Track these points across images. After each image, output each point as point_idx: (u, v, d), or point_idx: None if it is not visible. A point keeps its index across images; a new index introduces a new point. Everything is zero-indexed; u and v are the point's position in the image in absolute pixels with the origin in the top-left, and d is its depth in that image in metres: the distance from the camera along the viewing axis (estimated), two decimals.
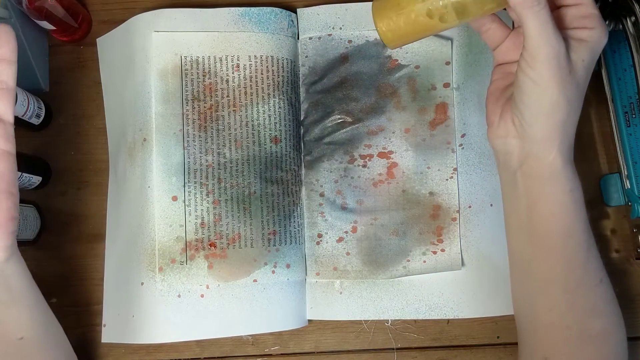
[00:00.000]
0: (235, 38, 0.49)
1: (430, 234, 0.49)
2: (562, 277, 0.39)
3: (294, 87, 0.51)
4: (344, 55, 0.51)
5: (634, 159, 0.49)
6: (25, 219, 0.49)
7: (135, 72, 0.50)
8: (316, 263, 0.49)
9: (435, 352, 0.50)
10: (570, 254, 0.38)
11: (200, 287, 0.47)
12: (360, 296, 0.49)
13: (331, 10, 0.52)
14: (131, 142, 0.49)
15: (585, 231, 0.39)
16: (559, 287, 0.39)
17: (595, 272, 0.39)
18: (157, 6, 0.50)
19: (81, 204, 0.52)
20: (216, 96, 0.49)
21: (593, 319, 0.39)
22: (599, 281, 0.39)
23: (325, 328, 0.51)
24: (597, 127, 0.53)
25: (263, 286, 0.47)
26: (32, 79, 0.52)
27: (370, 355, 0.50)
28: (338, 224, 0.49)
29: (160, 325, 0.47)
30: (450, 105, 0.50)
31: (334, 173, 0.50)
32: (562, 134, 0.37)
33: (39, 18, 0.48)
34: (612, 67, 0.51)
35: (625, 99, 0.50)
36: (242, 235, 0.47)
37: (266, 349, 0.50)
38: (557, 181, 0.38)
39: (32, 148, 0.53)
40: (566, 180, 0.38)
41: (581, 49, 0.35)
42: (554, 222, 0.38)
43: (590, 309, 0.39)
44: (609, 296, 0.40)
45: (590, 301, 0.39)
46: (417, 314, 0.49)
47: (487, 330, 0.50)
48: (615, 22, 0.51)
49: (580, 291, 0.39)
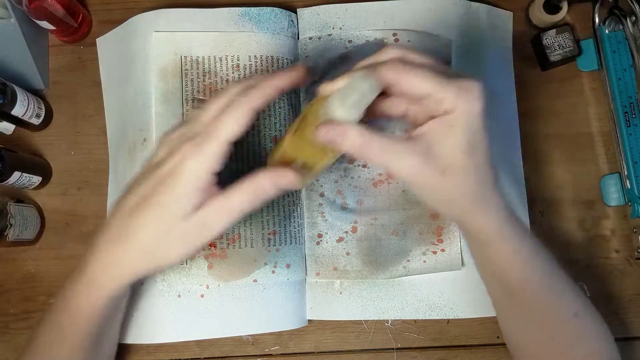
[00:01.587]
0: (235, 38, 0.49)
1: (430, 234, 0.49)
2: (532, 317, 0.39)
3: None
4: (344, 55, 0.51)
5: (634, 159, 0.49)
6: (25, 219, 0.49)
7: (135, 72, 0.50)
8: (316, 263, 0.49)
9: (435, 352, 0.50)
10: (532, 298, 0.38)
11: (200, 287, 0.47)
12: (360, 296, 0.49)
13: (331, 10, 0.52)
14: (131, 142, 0.49)
15: (546, 275, 0.39)
16: (532, 325, 0.39)
17: (567, 308, 0.39)
18: (157, 6, 0.50)
19: (81, 204, 0.52)
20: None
21: (576, 348, 0.39)
22: (573, 315, 0.39)
23: (325, 328, 0.51)
24: (597, 127, 0.53)
25: (263, 286, 0.47)
26: (32, 79, 0.52)
27: (370, 355, 0.50)
28: (338, 224, 0.49)
29: (160, 325, 0.47)
30: None
31: (333, 173, 0.50)
32: (478, 206, 0.36)
33: (39, 18, 0.48)
34: (612, 67, 0.51)
35: (625, 99, 0.50)
36: (242, 235, 0.47)
37: (266, 349, 0.50)
38: (495, 244, 0.37)
39: (32, 148, 0.53)
40: (506, 241, 0.37)
41: (452, 133, 0.34)
42: (505, 277, 0.39)
43: (571, 340, 0.39)
44: (589, 324, 0.40)
45: (568, 333, 0.39)
46: (417, 314, 0.49)
47: (487, 330, 0.50)
48: (615, 22, 0.51)
49: (556, 326, 0.39)
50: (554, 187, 0.52)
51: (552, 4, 0.52)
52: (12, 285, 0.51)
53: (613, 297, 0.50)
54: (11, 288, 0.51)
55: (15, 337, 0.50)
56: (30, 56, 0.50)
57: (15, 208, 0.48)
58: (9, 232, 0.46)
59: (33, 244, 0.51)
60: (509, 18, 0.54)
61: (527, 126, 0.52)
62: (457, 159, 0.34)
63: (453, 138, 0.34)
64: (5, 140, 0.52)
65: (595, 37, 0.52)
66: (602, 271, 0.51)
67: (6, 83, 0.46)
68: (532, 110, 0.53)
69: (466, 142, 0.34)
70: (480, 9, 0.52)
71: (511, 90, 0.53)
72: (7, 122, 0.50)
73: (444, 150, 0.34)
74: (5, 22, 0.48)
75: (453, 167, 0.34)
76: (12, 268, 0.51)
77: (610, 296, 0.50)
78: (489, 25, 0.52)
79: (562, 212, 0.52)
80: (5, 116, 0.47)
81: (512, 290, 0.38)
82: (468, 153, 0.34)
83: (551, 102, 0.53)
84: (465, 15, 0.51)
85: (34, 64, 0.51)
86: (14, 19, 0.48)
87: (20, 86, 0.48)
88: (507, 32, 0.54)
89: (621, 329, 0.50)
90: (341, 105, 0.34)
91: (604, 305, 0.48)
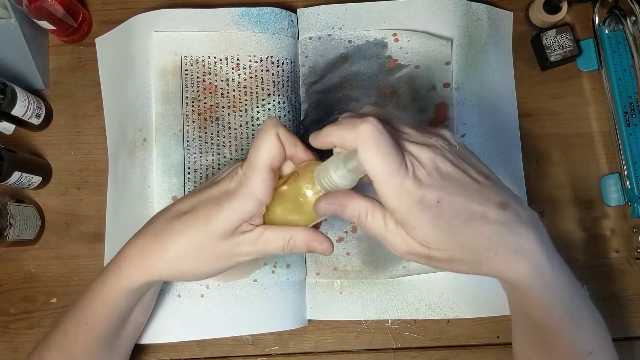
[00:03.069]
0: (235, 38, 0.49)
1: None
2: (544, 348, 0.37)
3: (294, 87, 0.51)
4: (344, 55, 0.51)
5: (634, 159, 0.49)
6: (25, 219, 0.49)
7: (135, 72, 0.50)
8: (316, 263, 0.49)
9: (435, 352, 0.50)
10: (550, 333, 0.36)
11: (200, 287, 0.47)
12: (360, 296, 0.49)
13: (331, 10, 0.52)
14: (131, 142, 0.49)
15: (568, 313, 0.36)
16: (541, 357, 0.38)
17: (584, 345, 0.37)
18: (157, 6, 0.50)
19: (81, 204, 0.52)
20: (216, 96, 0.49)
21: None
22: (588, 353, 0.37)
23: (325, 328, 0.51)
24: (597, 127, 0.53)
25: (263, 286, 0.47)
26: (32, 79, 0.52)
27: (370, 355, 0.50)
28: (338, 223, 0.49)
29: (160, 325, 0.47)
30: (450, 105, 0.50)
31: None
32: (488, 264, 0.33)
33: (39, 18, 0.48)
34: (612, 67, 0.51)
35: (625, 99, 0.50)
36: None
37: (266, 349, 0.50)
38: (521, 291, 0.34)
39: (32, 148, 0.53)
40: (532, 289, 0.34)
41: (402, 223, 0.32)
42: (528, 313, 0.36)
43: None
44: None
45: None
46: (417, 314, 0.49)
47: (487, 330, 0.50)
48: (615, 22, 0.51)
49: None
50: (554, 187, 0.52)
51: (552, 4, 0.52)
52: (12, 285, 0.51)
53: (613, 297, 0.50)
54: (11, 288, 0.51)
55: (15, 337, 0.50)
56: (30, 56, 0.50)
57: (15, 208, 0.48)
58: (9, 232, 0.46)
59: (33, 244, 0.51)
60: (509, 18, 0.54)
61: (527, 126, 0.52)
62: (427, 238, 0.32)
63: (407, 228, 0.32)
64: (5, 140, 0.52)
65: (595, 37, 0.52)
66: (602, 271, 0.51)
67: (6, 83, 0.46)
68: (532, 110, 0.53)
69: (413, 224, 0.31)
70: (480, 9, 0.52)
71: (511, 90, 0.53)
72: (7, 122, 0.50)
73: (416, 237, 0.32)
74: (5, 22, 0.48)
75: (430, 245, 0.32)
76: (12, 268, 0.51)
77: (610, 296, 0.50)
78: (489, 25, 0.52)
79: (562, 212, 0.52)
80: (5, 116, 0.47)
81: (532, 323, 0.37)
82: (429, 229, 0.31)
83: (551, 102, 0.53)
84: (465, 15, 0.51)
85: (34, 64, 0.51)
86: (14, 19, 0.48)
87: (20, 86, 0.48)
88: (507, 32, 0.54)
89: (621, 329, 0.50)
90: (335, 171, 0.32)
91: (604, 305, 0.48)
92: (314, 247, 0.36)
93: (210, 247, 0.36)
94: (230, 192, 0.35)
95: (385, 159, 0.29)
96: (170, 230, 0.37)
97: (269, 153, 0.34)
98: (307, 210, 0.34)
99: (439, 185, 0.31)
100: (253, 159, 0.34)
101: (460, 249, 0.32)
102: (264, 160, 0.34)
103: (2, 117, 0.48)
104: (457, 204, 0.31)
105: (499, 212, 0.32)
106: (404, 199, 0.30)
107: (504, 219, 0.32)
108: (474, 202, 0.31)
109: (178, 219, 0.37)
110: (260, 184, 0.34)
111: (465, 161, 0.33)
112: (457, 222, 0.31)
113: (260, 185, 0.34)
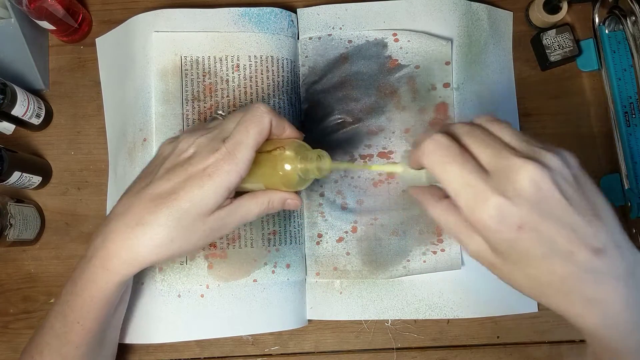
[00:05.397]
0: (235, 38, 0.49)
1: (430, 234, 0.49)
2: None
3: (294, 87, 0.51)
4: (344, 55, 0.51)
5: (634, 159, 0.49)
6: (25, 219, 0.49)
7: (135, 72, 0.50)
8: (316, 263, 0.49)
9: (435, 352, 0.50)
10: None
11: (200, 287, 0.47)
12: (360, 296, 0.49)
13: (331, 10, 0.52)
14: (131, 142, 0.49)
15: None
16: None
17: None
18: (157, 6, 0.50)
19: (81, 204, 0.52)
20: (216, 96, 0.49)
21: None
22: None
23: (325, 328, 0.51)
24: (597, 127, 0.53)
25: (263, 286, 0.47)
26: (32, 79, 0.52)
27: (370, 355, 0.50)
28: (338, 224, 0.49)
29: (160, 325, 0.47)
30: (450, 105, 0.50)
31: (333, 173, 0.50)
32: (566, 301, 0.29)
33: (39, 18, 0.48)
34: (612, 67, 0.51)
35: (625, 99, 0.50)
36: (242, 235, 0.47)
37: (266, 349, 0.50)
38: (594, 345, 0.31)
39: (32, 148, 0.53)
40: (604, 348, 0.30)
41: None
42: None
43: None
44: None
45: None
46: (417, 314, 0.49)
47: (487, 330, 0.50)
48: (615, 22, 0.51)
49: None
50: None
51: (552, 4, 0.52)
52: (12, 285, 0.51)
53: None
54: (11, 288, 0.51)
55: (15, 337, 0.50)
56: (30, 56, 0.50)
57: (15, 208, 0.48)
58: (9, 232, 0.46)
59: (33, 244, 0.51)
60: (509, 18, 0.54)
61: (527, 126, 0.52)
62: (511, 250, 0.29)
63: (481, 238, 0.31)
64: (5, 140, 0.52)
65: (595, 37, 0.52)
66: None
67: (6, 83, 0.46)
68: (532, 110, 0.53)
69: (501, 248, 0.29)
70: (480, 9, 0.52)
71: (511, 90, 0.53)
72: (7, 122, 0.50)
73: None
74: (5, 22, 0.48)
75: (497, 264, 0.31)
76: (12, 268, 0.51)
77: None
78: (489, 25, 0.52)
79: None
80: (5, 116, 0.47)
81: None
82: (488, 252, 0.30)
83: (551, 102, 0.53)
84: (465, 15, 0.51)
85: (34, 64, 0.51)
86: (14, 19, 0.48)
87: (20, 86, 0.48)
88: (507, 32, 0.54)
89: None
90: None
91: None
92: (287, 204, 0.41)
93: (198, 227, 0.37)
94: (210, 170, 0.36)
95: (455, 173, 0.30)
96: (155, 219, 0.36)
97: (259, 137, 0.37)
98: (285, 182, 0.39)
99: (526, 208, 0.27)
100: (243, 138, 0.37)
101: (527, 279, 0.30)
102: (253, 141, 0.37)
103: (2, 117, 0.48)
104: (541, 235, 0.28)
105: (590, 257, 0.28)
106: (477, 210, 0.28)
107: (591, 266, 0.28)
108: (561, 237, 0.28)
109: (161, 202, 0.36)
110: (246, 162, 0.37)
111: (574, 189, 0.29)
112: (533, 253, 0.28)
113: (246, 163, 0.37)
